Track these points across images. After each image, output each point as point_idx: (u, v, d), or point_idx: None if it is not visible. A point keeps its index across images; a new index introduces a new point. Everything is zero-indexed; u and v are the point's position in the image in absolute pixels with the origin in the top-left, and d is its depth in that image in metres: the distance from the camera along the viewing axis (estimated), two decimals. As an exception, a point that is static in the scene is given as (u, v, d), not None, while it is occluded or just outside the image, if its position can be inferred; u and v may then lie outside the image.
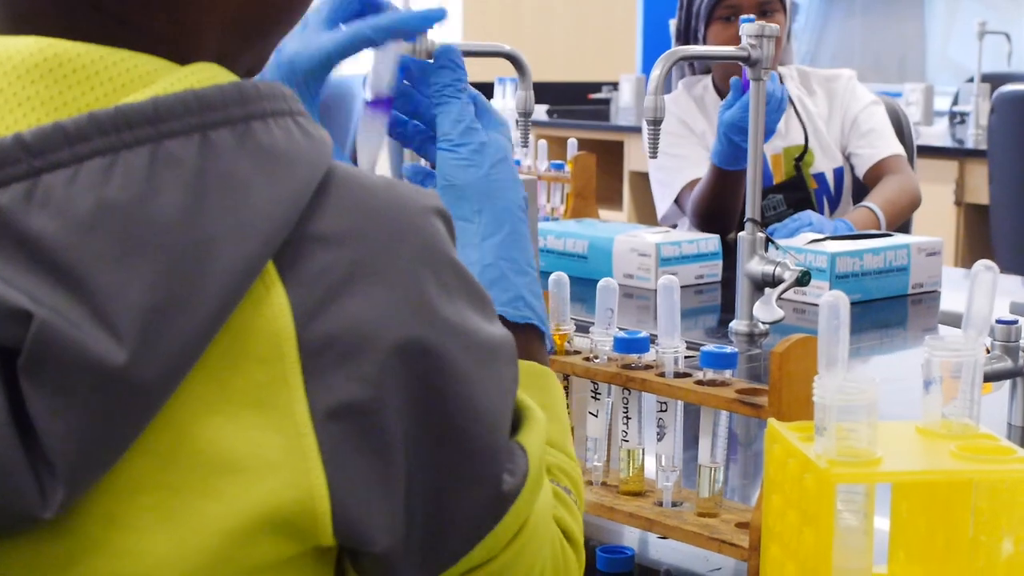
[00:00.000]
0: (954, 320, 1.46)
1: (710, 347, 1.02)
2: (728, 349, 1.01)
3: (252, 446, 0.64)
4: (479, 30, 6.72)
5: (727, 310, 2.09)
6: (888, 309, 2.09)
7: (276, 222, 0.65)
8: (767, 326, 1.83)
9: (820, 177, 2.71)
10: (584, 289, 2.27)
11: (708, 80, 2.81)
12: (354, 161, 0.95)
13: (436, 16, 0.94)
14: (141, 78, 0.66)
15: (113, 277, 0.60)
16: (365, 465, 0.66)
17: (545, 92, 6.30)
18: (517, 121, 2.00)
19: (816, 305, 2.00)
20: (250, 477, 0.64)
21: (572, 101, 6.39)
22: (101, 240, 0.61)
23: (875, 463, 0.82)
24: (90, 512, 0.62)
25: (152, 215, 0.62)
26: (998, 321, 1.40)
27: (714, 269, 2.24)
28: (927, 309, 2.12)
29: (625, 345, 1.06)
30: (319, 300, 0.65)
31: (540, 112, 5.96)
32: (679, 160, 2.72)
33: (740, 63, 1.85)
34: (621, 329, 1.10)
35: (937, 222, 4.27)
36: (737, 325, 1.85)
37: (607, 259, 2.23)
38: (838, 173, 2.73)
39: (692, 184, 2.68)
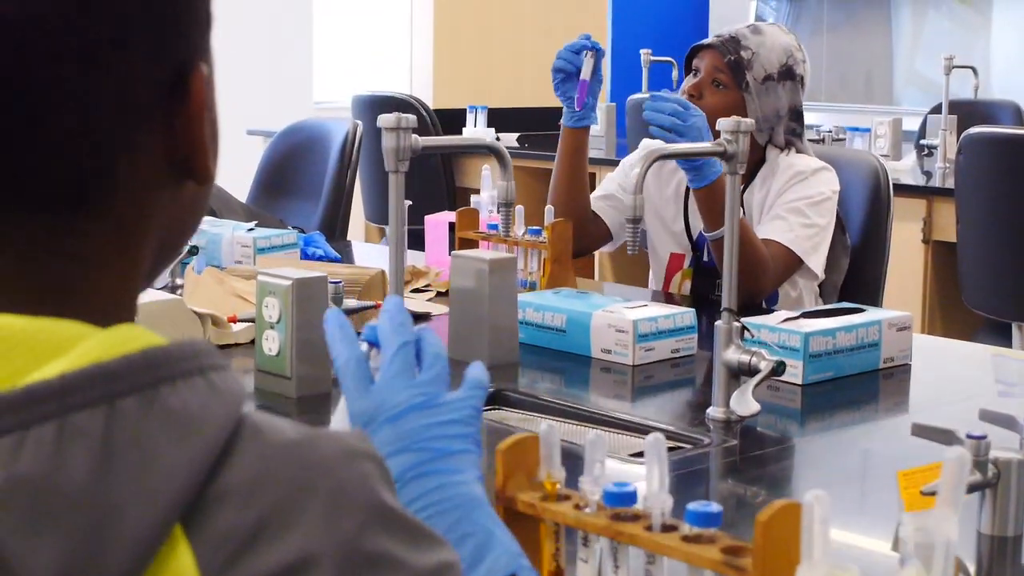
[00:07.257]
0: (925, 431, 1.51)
1: (696, 505, 1.06)
2: (713, 508, 1.05)
3: None
4: (450, 55, 6.76)
5: (705, 384, 2.14)
6: (860, 386, 2.13)
7: (182, 484, 0.67)
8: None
9: None
10: (563, 362, 2.33)
11: None
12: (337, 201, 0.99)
13: None
14: (60, 345, 0.69)
15: (24, 549, 0.63)
16: None
17: (515, 118, 6.34)
18: (499, 208, 2.04)
19: (792, 384, 2.05)
20: None
21: (543, 127, 6.42)
22: (12, 514, 0.64)
23: (856, 650, 0.87)
24: None
25: (60, 486, 0.65)
26: (968, 436, 1.44)
27: (689, 343, 2.28)
28: (898, 384, 2.17)
29: (614, 499, 1.10)
30: (225, 560, 0.67)
31: (510, 140, 5.97)
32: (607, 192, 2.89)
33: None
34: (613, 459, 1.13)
35: (905, 260, 4.33)
36: (714, 412, 1.90)
37: (585, 334, 2.27)
38: None
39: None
